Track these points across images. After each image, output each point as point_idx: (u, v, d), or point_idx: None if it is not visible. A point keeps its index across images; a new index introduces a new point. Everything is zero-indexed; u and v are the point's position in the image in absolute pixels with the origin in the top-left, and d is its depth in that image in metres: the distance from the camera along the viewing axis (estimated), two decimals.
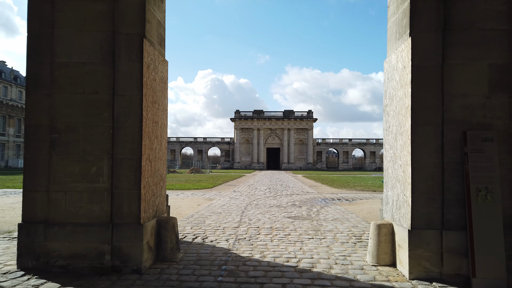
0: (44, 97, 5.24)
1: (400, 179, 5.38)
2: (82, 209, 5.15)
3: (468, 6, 4.99)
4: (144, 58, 5.25)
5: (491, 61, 4.96)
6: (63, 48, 5.23)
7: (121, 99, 5.20)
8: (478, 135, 4.88)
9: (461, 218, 4.91)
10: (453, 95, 4.99)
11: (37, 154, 5.24)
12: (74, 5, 5.23)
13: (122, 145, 5.19)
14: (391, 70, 5.81)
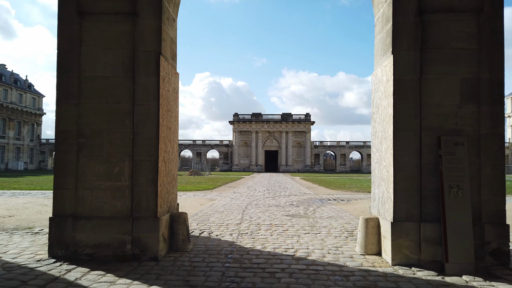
0: (72, 107, 5.98)
1: (385, 178, 6.13)
2: (106, 204, 5.88)
3: (442, 28, 5.77)
4: (160, 72, 5.99)
5: (462, 76, 5.73)
6: (90, 63, 5.98)
7: (140, 108, 5.95)
8: (451, 140, 5.64)
9: (436, 212, 5.66)
10: (429, 105, 5.75)
11: (66, 156, 5.97)
12: (99, 26, 5.98)
13: (141, 148, 5.93)
14: (377, 82, 6.58)
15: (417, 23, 5.81)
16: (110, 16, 5.97)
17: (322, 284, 4.79)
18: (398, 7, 5.83)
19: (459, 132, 5.72)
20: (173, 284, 4.72)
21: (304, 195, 19.40)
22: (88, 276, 5.00)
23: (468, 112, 5.72)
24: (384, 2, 6.19)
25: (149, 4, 5.99)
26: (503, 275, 5.22)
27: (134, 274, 5.11)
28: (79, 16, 5.99)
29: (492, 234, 5.63)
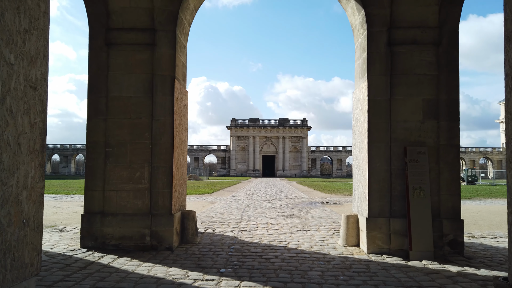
0: (101, 121, 7.15)
1: (362, 181, 7.32)
2: (129, 203, 7.04)
3: (408, 57, 6.99)
4: (175, 92, 7.18)
5: (424, 97, 6.95)
6: (115, 85, 7.16)
7: (157, 122, 7.13)
8: (414, 150, 6.85)
9: (403, 209, 6.85)
10: (397, 121, 6.96)
11: (96, 163, 7.13)
12: (124, 54, 7.17)
13: (158, 156, 7.10)
14: (356, 100, 7.80)
15: (387, 53, 7.03)
16: (133, 46, 7.17)
17: (308, 266, 5.96)
18: (372, 39, 7.06)
19: (422, 143, 6.92)
20: (187, 266, 5.87)
21: (299, 198, 20.57)
22: (118, 261, 6.15)
23: (429, 127, 6.93)
24: (361, 35, 7.42)
25: (165, 36, 7.19)
26: (456, 260, 6.41)
27: (154, 260, 6.26)
28: (106, 46, 7.18)
29: (449, 227, 6.82)
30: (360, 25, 7.41)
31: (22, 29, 2.75)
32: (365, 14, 7.06)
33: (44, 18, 3.00)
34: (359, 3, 7.14)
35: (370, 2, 7.04)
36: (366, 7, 7.07)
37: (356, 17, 7.56)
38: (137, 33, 7.16)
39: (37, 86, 2.94)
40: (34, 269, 2.94)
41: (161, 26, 7.19)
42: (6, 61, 2.58)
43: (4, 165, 2.56)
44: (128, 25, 7.20)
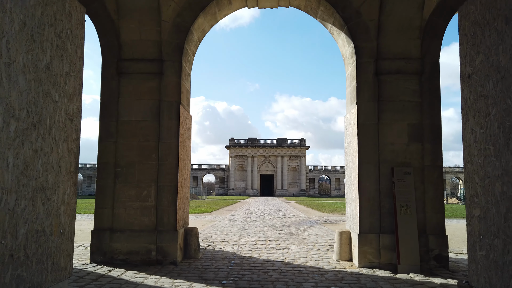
0: (111, 143, 7.73)
1: (354, 200, 7.86)
2: (136, 220, 7.54)
3: (393, 86, 7.66)
4: (180, 117, 7.80)
5: (409, 122, 7.58)
6: (125, 110, 7.77)
7: (164, 145, 7.71)
8: (401, 170, 7.42)
9: (391, 225, 7.37)
10: (385, 144, 7.56)
11: (106, 182, 7.66)
12: (133, 82, 7.82)
13: (164, 176, 7.64)
14: (347, 124, 8.42)
15: (375, 81, 7.69)
16: (142, 75, 7.82)
17: (303, 278, 6.44)
18: (360, 69, 7.74)
19: (408, 164, 7.50)
20: (191, 279, 6.34)
21: (297, 217, 20.98)
22: (126, 274, 6.61)
23: (414, 149, 7.53)
24: (351, 64, 8.11)
25: (172, 66, 7.86)
26: (441, 273, 6.90)
27: (160, 273, 6.73)
28: (118, 75, 7.84)
29: (434, 243, 7.32)
30: (350, 56, 8.11)
31: (64, 73, 3.37)
32: (354, 46, 7.76)
33: (79, 62, 3.63)
34: (349, 36, 7.86)
35: (359, 36, 7.75)
36: (355, 40, 7.78)
37: (346, 48, 8.27)
38: (146, 63, 7.83)
39: (73, 118, 3.53)
40: (68, 272, 3.46)
41: (168, 57, 7.87)
42: (52, 99, 3.18)
43: (49, 184, 3.12)
44: (138, 56, 7.88)
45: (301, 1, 8.31)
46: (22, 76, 2.81)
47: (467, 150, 3.50)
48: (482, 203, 3.24)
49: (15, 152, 2.74)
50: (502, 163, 2.97)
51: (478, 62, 3.32)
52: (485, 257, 3.17)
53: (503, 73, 2.97)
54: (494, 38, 3.09)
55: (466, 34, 3.52)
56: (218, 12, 8.44)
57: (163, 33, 7.85)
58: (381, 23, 7.63)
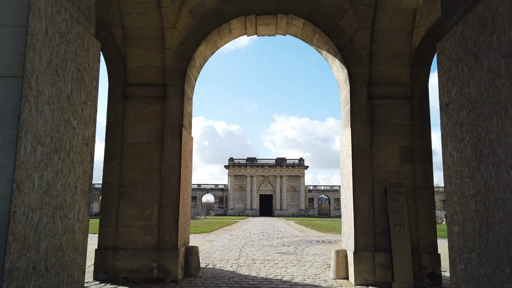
0: (116, 164, 8.05)
1: (349, 219, 8.14)
2: (139, 238, 7.79)
3: (385, 109, 8.05)
4: (182, 139, 8.16)
5: (400, 144, 7.94)
6: (130, 133, 8.14)
7: (166, 165, 8.04)
8: (394, 190, 7.73)
9: (386, 244, 7.62)
10: (378, 165, 7.90)
11: (110, 202, 7.95)
12: (138, 106, 8.21)
13: (166, 196, 7.94)
14: (342, 146, 8.79)
15: (367, 105, 8.10)
16: (146, 99, 8.23)
17: None
18: (354, 94, 8.16)
19: (400, 184, 7.82)
20: None
21: (296, 237, 21.09)
22: None
23: (406, 170, 7.87)
24: (345, 89, 8.54)
25: (175, 91, 8.28)
26: None
27: None
28: (123, 99, 8.24)
29: (427, 261, 7.56)
30: (344, 81, 8.55)
31: (81, 102, 3.74)
32: (348, 72, 8.21)
33: (95, 92, 4.01)
34: (342, 63, 8.31)
35: (352, 63, 8.21)
36: (348, 66, 8.23)
37: (340, 74, 8.72)
38: (150, 88, 8.24)
39: (88, 142, 3.88)
40: (80, 285, 3.74)
41: (171, 82, 8.29)
42: (71, 126, 3.54)
43: (67, 203, 3.45)
44: (143, 81, 8.30)
45: (297, 30, 8.82)
46: (47, 106, 3.17)
47: (447, 172, 3.84)
48: (460, 221, 3.55)
49: (40, 174, 3.07)
50: (475, 184, 3.31)
51: (453, 93, 3.70)
52: (464, 270, 3.46)
53: (474, 104, 3.34)
54: (466, 73, 3.48)
55: (443, 68, 3.92)
56: (219, 40, 8.93)
57: (167, 59, 8.30)
58: (372, 51, 8.10)
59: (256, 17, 8.45)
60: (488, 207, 3.10)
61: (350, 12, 8.05)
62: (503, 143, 2.93)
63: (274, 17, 8.42)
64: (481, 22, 3.23)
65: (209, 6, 8.29)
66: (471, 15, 3.38)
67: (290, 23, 8.57)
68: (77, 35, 3.65)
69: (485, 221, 3.15)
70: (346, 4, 8.00)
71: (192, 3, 8.15)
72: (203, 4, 8.22)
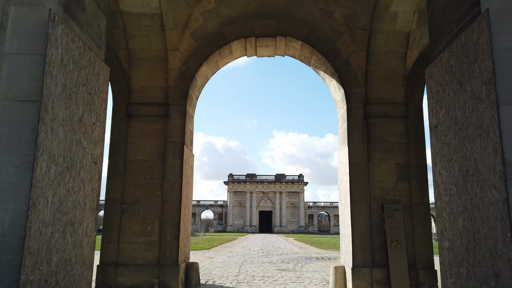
0: (119, 181, 8.24)
1: (347, 235, 8.28)
2: (140, 254, 7.91)
3: (381, 128, 8.30)
4: (184, 156, 8.37)
5: (396, 161, 8.16)
6: (133, 150, 8.35)
7: (168, 182, 8.22)
8: (390, 206, 7.91)
9: (383, 260, 7.75)
10: (375, 182, 8.09)
11: (112, 218, 8.10)
12: (141, 124, 8.45)
13: (167, 212, 8.10)
14: (340, 163, 8.99)
15: (364, 124, 8.35)
16: (149, 117, 8.48)
17: None
18: (350, 113, 8.42)
19: (397, 201, 8.00)
20: None
21: (295, 254, 21.06)
22: None
23: (402, 187, 8.06)
24: (342, 108, 8.80)
25: (177, 109, 8.54)
26: None
27: None
28: (127, 117, 8.49)
29: (424, 277, 7.68)
30: (341, 100, 8.82)
31: (91, 123, 3.97)
32: (344, 92, 8.49)
33: (104, 113, 4.24)
34: (339, 83, 8.60)
35: (348, 83, 8.50)
36: (345, 86, 8.52)
37: (337, 93, 9.00)
38: (153, 107, 8.50)
39: (97, 161, 4.10)
40: None
41: (173, 101, 8.56)
42: (82, 146, 3.76)
43: (76, 219, 3.64)
44: (146, 100, 8.57)
45: (295, 51, 9.14)
46: (61, 128, 3.40)
47: (436, 190, 4.04)
48: (450, 236, 3.74)
49: (53, 191, 3.27)
50: (462, 201, 3.51)
51: (441, 115, 3.94)
52: (454, 284, 3.63)
53: (460, 126, 3.57)
54: (452, 97, 3.72)
55: (432, 91, 4.17)
56: (220, 61, 9.24)
57: (170, 79, 8.59)
58: (368, 72, 8.40)
59: (256, 39, 8.78)
60: (474, 223, 3.30)
61: (346, 35, 8.38)
62: (486, 163, 3.15)
63: (273, 39, 8.76)
64: (464, 50, 3.49)
65: (210, 28, 8.62)
66: (456, 44, 3.65)
67: (289, 45, 8.90)
68: (89, 61, 3.91)
69: (472, 236, 3.34)
70: (342, 27, 8.34)
71: (194, 26, 8.48)
72: (205, 27, 8.56)
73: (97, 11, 4.19)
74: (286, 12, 8.51)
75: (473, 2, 3.43)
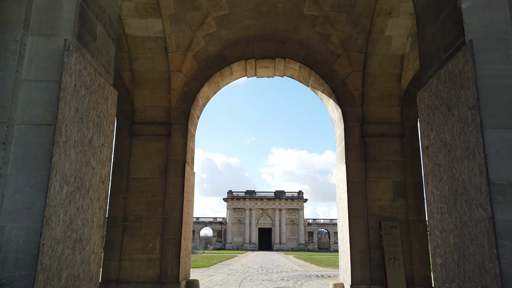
0: (121, 199, 8.40)
1: (346, 252, 8.40)
2: (142, 272, 8.01)
3: (378, 147, 8.51)
4: (185, 174, 8.55)
5: (393, 179, 8.34)
6: (135, 168, 8.54)
7: (169, 200, 8.38)
8: (388, 224, 8.05)
9: (381, 277, 7.84)
10: (372, 199, 8.26)
11: (114, 235, 8.23)
12: (144, 143, 8.67)
13: (168, 230, 8.23)
14: (338, 181, 9.18)
15: (361, 143, 8.57)
16: (152, 136, 8.70)
17: None
18: (348, 132, 8.65)
19: (394, 219, 8.15)
20: None
21: (295, 272, 20.97)
22: None
23: (399, 205, 8.22)
24: (340, 127, 9.04)
25: (179, 128, 8.77)
26: None
27: None
28: (130, 136, 8.71)
29: None
30: (339, 120, 9.07)
31: (100, 144, 4.18)
32: (342, 112, 8.74)
33: (111, 134, 4.46)
34: (337, 103, 8.87)
35: (345, 103, 8.76)
36: (342, 106, 8.78)
37: (335, 113, 9.26)
38: (156, 126, 8.74)
39: (105, 181, 4.29)
40: None
41: (175, 120, 8.80)
42: (91, 166, 3.96)
43: (85, 236, 3.81)
44: (149, 120, 8.81)
45: (294, 72, 9.44)
46: (73, 150, 3.60)
47: (429, 208, 4.23)
48: (442, 253, 3.90)
49: (64, 210, 3.45)
50: (453, 219, 3.69)
51: (432, 137, 4.16)
52: None
53: (449, 148, 3.78)
54: (441, 120, 3.95)
55: (423, 114, 4.40)
56: (221, 81, 9.53)
57: (172, 100, 8.85)
58: (364, 92, 8.68)
59: (256, 60, 9.09)
60: (464, 240, 3.47)
61: (343, 57, 8.69)
62: (473, 183, 3.35)
63: (272, 61, 9.06)
64: (452, 77, 3.74)
65: (212, 51, 8.94)
66: (443, 70, 3.90)
67: (287, 66, 9.21)
68: (99, 86, 4.14)
69: (462, 253, 3.51)
70: (339, 49, 8.66)
71: (196, 49, 8.80)
72: (207, 50, 8.87)
73: (107, 39, 4.45)
74: (284, 35, 8.85)
75: (458, 33, 3.69)
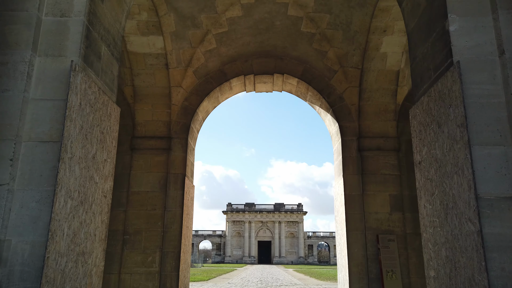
0: (121, 212, 8.49)
1: (344, 265, 8.46)
2: (141, 285, 8.05)
3: (374, 160, 8.66)
4: (185, 188, 8.66)
5: (390, 193, 8.46)
6: (136, 182, 8.66)
7: (169, 213, 8.47)
8: (385, 237, 8.14)
9: None
10: (370, 213, 8.36)
11: (114, 248, 8.29)
12: (144, 157, 8.81)
13: (168, 243, 8.30)
14: (336, 194, 9.29)
15: (358, 156, 8.71)
16: (152, 150, 8.84)
17: None
18: (345, 146, 8.80)
19: (391, 232, 8.24)
20: None
21: (295, 286, 20.88)
22: None
23: (396, 218, 8.32)
24: (337, 141, 9.20)
25: (179, 143, 8.92)
26: None
27: None
28: (130, 150, 8.85)
29: None
30: (336, 134, 9.23)
31: (103, 160, 4.32)
32: (339, 126, 8.91)
33: (114, 150, 4.60)
34: (334, 117, 9.04)
35: (342, 117, 8.94)
36: (340, 121, 8.95)
37: (332, 127, 9.42)
38: (156, 140, 8.89)
39: (107, 195, 4.42)
40: None
41: (176, 135, 8.95)
42: (94, 181, 4.10)
43: (87, 249, 3.92)
44: (149, 134, 8.96)
45: (292, 87, 9.64)
46: (77, 166, 3.74)
47: (422, 222, 4.35)
48: (435, 266, 4.00)
49: (68, 224, 3.57)
50: (444, 232, 3.81)
51: (424, 152, 4.30)
52: None
53: (440, 163, 3.93)
54: (432, 136, 4.10)
55: (415, 130, 4.56)
56: (221, 96, 9.72)
57: (172, 114, 9.03)
58: (361, 107, 8.86)
59: (255, 76, 9.30)
60: (455, 253, 3.59)
61: (340, 73, 8.90)
62: (462, 198, 3.48)
63: (271, 76, 9.27)
64: (441, 96, 3.90)
65: (211, 67, 9.15)
66: (434, 89, 4.07)
67: (286, 81, 9.41)
68: (103, 103, 4.30)
69: (453, 265, 3.62)
70: (336, 66, 8.87)
71: (197, 64, 9.01)
72: (206, 65, 9.09)
73: (110, 58, 4.63)
74: (282, 52, 9.07)
75: (446, 54, 3.87)
